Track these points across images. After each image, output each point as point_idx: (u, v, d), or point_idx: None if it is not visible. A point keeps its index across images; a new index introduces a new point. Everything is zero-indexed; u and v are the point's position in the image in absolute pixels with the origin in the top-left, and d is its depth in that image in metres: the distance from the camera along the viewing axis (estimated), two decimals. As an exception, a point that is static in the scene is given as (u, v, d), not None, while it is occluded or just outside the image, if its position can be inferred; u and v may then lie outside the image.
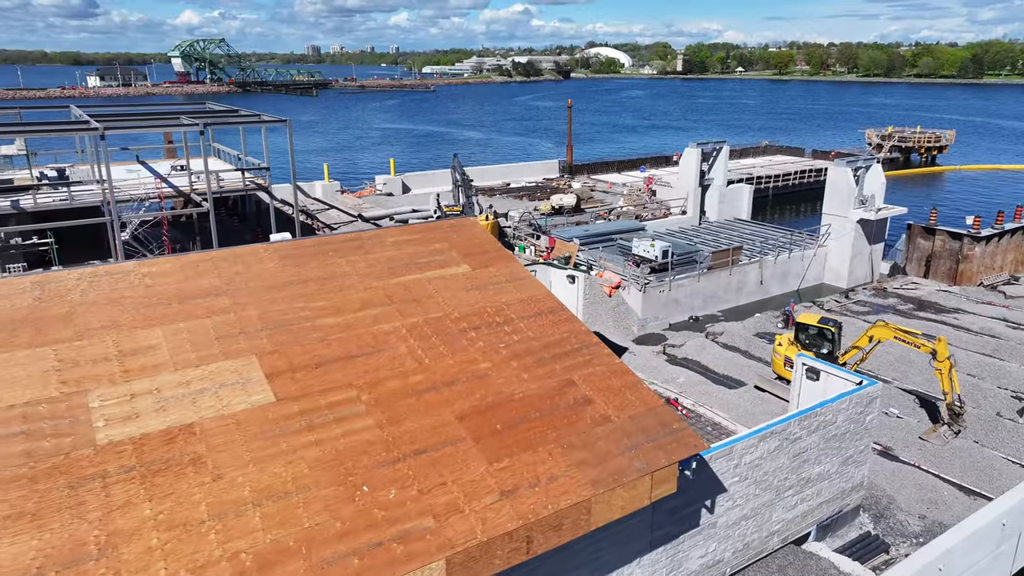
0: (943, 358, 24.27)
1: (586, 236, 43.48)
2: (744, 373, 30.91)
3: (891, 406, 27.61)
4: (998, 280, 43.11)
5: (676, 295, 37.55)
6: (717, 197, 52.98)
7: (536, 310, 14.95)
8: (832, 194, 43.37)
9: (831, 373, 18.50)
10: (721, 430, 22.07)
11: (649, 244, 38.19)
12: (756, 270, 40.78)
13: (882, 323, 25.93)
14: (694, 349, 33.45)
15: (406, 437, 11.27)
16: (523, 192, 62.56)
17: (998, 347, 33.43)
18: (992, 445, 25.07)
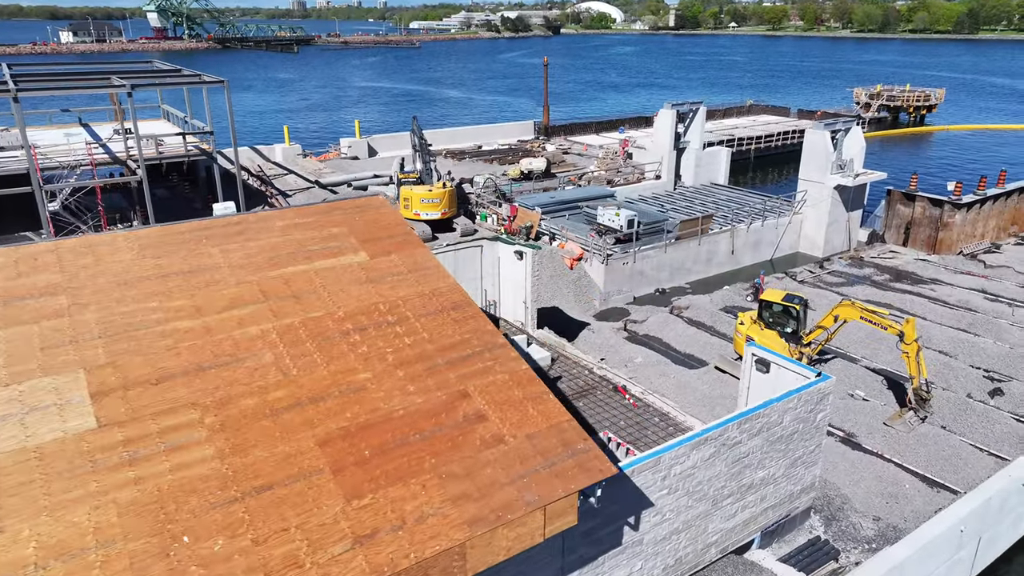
0: (911, 340, 22.70)
1: (552, 203, 41.42)
2: (707, 351, 29.35)
3: (857, 387, 26.17)
4: (979, 248, 41.52)
5: (641, 267, 35.76)
6: (693, 161, 50.83)
7: (438, 306, 13.11)
8: (809, 158, 41.35)
9: (782, 366, 16.87)
10: (669, 421, 20.52)
11: (614, 213, 36.23)
12: (727, 239, 38.97)
13: (847, 302, 24.28)
14: (656, 325, 31.81)
15: (250, 470, 9.54)
16: (494, 155, 60.10)
17: (974, 322, 31.96)
18: (960, 431, 23.71)
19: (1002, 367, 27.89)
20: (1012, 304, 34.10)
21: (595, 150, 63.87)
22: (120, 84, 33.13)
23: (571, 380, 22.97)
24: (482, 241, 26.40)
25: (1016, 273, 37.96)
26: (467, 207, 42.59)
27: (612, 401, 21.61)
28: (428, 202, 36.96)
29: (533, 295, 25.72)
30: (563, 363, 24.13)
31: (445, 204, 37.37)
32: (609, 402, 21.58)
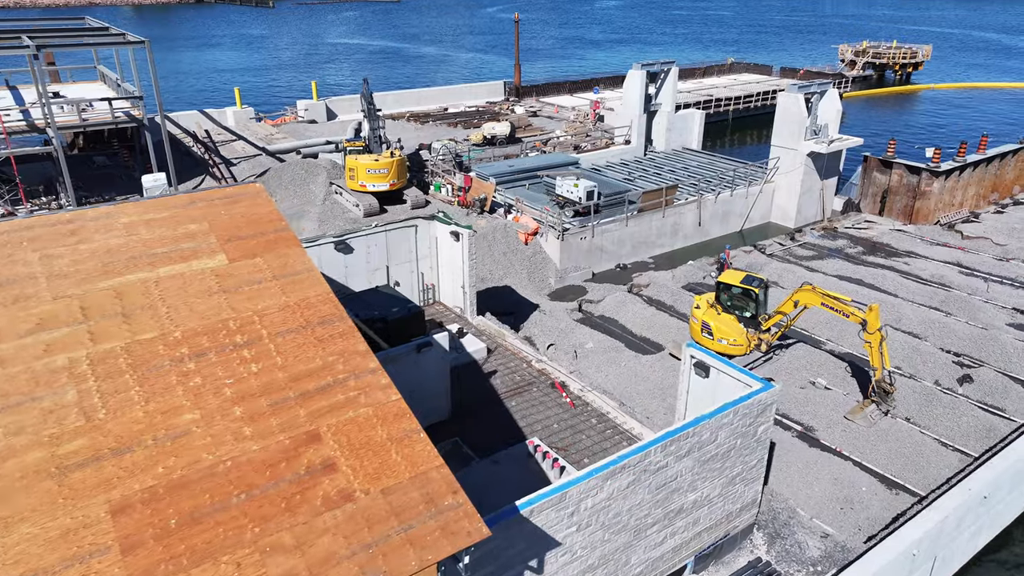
0: (874, 330, 20.98)
1: (510, 173, 39.10)
2: (665, 335, 27.58)
3: (820, 374, 24.55)
4: (956, 218, 39.75)
5: (601, 242, 33.73)
6: (665, 124, 48.43)
7: (302, 321, 11.08)
8: (782, 124, 39.11)
9: (722, 371, 15.05)
10: (607, 423, 18.77)
11: (573, 183, 34.02)
12: (694, 211, 36.92)
13: (808, 287, 22.45)
14: (613, 305, 29.94)
15: (11, 554, 7.59)
16: (459, 119, 57.30)
17: (947, 299, 30.32)
18: (925, 424, 22.19)
19: (973, 350, 26.34)
20: (987, 279, 32.49)
21: (567, 112, 61.22)
22: (26, 45, 30.18)
23: (507, 375, 21.12)
24: (417, 220, 24.22)
25: (993, 244, 36.30)
26: (422, 177, 40.19)
27: (548, 400, 19.81)
28: (375, 172, 34.55)
29: (471, 279, 23.68)
30: (501, 355, 22.25)
31: (393, 174, 34.99)
32: (545, 401, 19.78)
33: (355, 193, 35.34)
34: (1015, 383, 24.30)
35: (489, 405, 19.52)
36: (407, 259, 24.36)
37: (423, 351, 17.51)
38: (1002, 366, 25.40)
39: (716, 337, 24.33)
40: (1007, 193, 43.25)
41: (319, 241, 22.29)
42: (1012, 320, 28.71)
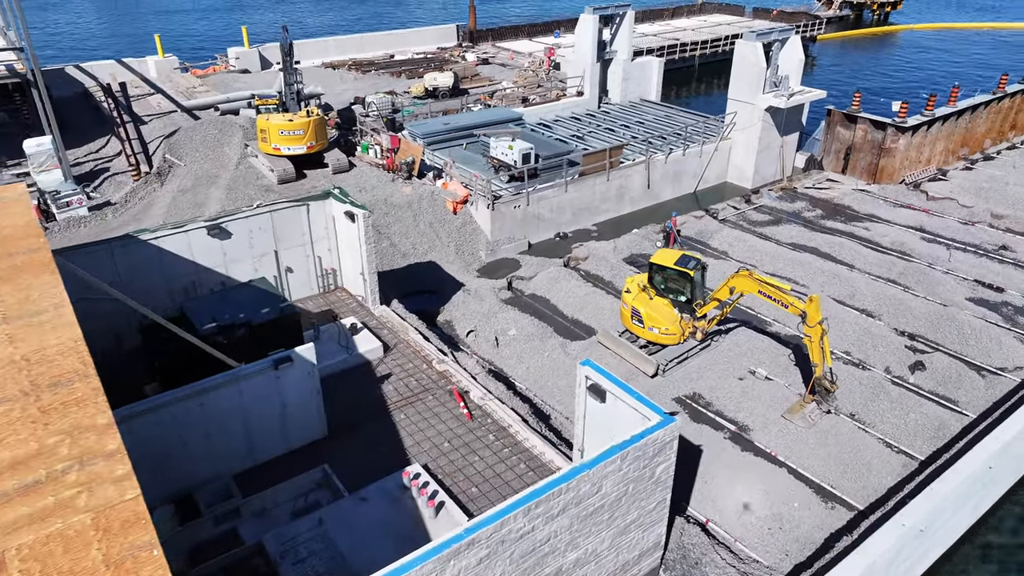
0: (814, 323, 18.69)
1: (446, 131, 35.88)
2: (598, 316, 25.19)
3: (761, 363, 22.36)
4: (923, 176, 37.33)
5: (538, 209, 30.94)
6: (621, 74, 45.03)
7: (26, 384, 8.43)
8: (739, 75, 36.02)
9: (619, 397, 12.68)
10: (506, 440, 16.48)
11: (507, 145, 30.97)
12: (642, 172, 34.11)
13: (745, 272, 20.02)
14: (546, 282, 27.41)
15: None
16: (406, 67, 53.30)
17: (905, 271, 28.13)
18: (869, 421, 20.18)
19: (929, 330, 24.28)
20: (950, 246, 30.31)
21: (522, 59, 57.33)
22: None
23: (402, 379, 18.66)
24: (311, 202, 21.26)
25: (959, 207, 34.01)
26: (349, 137, 36.81)
27: (444, 411, 17.43)
28: (289, 134, 31.21)
29: (371, 265, 20.96)
30: (400, 354, 19.75)
31: (311, 136, 31.67)
32: (440, 412, 17.40)
33: (270, 157, 32.05)
34: (969, 369, 22.32)
35: (375, 419, 17.11)
36: (300, 242, 21.54)
37: (283, 367, 14.94)
38: (958, 349, 23.39)
39: (647, 325, 21.98)
40: (977, 147, 40.81)
41: (188, 226, 19.36)
42: (972, 294, 26.64)
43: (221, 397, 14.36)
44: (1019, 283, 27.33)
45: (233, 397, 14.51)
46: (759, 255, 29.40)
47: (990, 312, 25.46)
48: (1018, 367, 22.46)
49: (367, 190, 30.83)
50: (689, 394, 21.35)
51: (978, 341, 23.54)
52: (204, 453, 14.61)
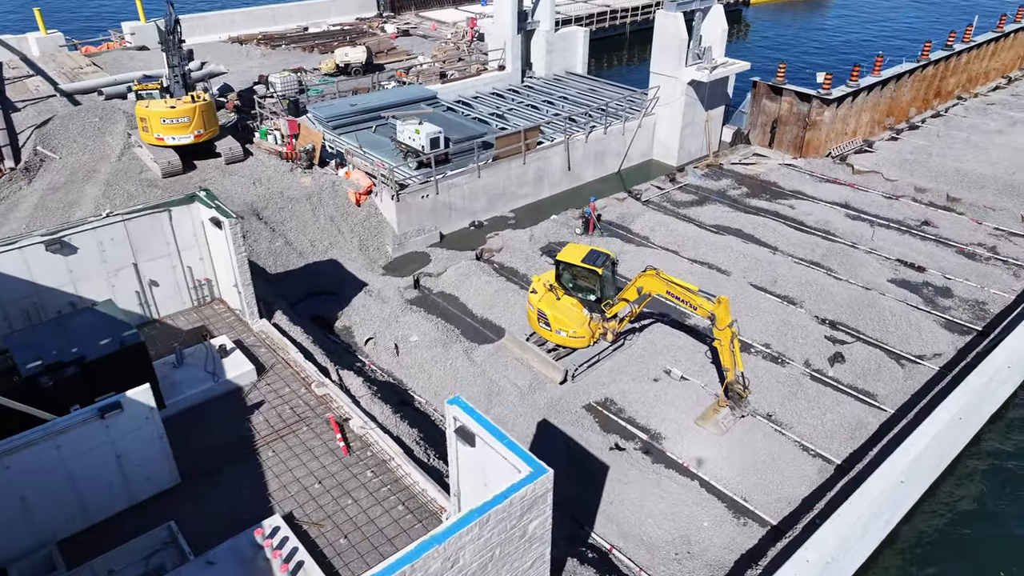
0: (723, 326, 17.42)
1: (353, 114, 33.37)
2: (509, 316, 23.57)
3: (677, 361, 21.13)
4: (849, 148, 36.58)
5: (449, 198, 28.97)
6: (544, 46, 42.83)
7: None
8: (660, 47, 34.37)
9: (489, 444, 11.08)
10: (386, 477, 14.79)
11: (414, 129, 28.77)
12: (561, 154, 32.36)
13: (651, 272, 18.60)
14: (456, 278, 25.62)
15: None
16: (320, 41, 50.02)
17: (829, 252, 27.25)
18: (786, 422, 19.19)
19: (850, 317, 23.43)
20: (873, 223, 29.60)
21: (446, 30, 54.56)
22: None
23: (276, 407, 16.74)
24: (175, 207, 18.87)
25: (884, 180, 33.36)
26: (247, 122, 33.98)
27: (319, 445, 15.62)
28: (172, 122, 28.36)
29: (243, 276, 18.79)
30: (276, 377, 17.77)
31: (198, 123, 28.85)
32: (315, 446, 15.58)
33: (154, 148, 29.16)
34: (889, 358, 21.54)
35: (239, 459, 15.20)
36: (165, 252, 19.19)
37: (111, 416, 12.86)
38: (878, 336, 22.60)
39: (554, 328, 20.45)
40: (903, 117, 40.29)
41: (19, 243, 16.84)
42: (895, 275, 25.93)
43: (34, 456, 12.27)
44: (940, 261, 26.76)
45: (49, 454, 12.43)
46: (681, 240, 28.15)
47: (911, 294, 24.77)
48: (936, 354, 21.78)
49: (262, 182, 28.34)
50: (600, 400, 20.01)
51: (898, 328, 22.79)
52: (21, 519, 12.53)
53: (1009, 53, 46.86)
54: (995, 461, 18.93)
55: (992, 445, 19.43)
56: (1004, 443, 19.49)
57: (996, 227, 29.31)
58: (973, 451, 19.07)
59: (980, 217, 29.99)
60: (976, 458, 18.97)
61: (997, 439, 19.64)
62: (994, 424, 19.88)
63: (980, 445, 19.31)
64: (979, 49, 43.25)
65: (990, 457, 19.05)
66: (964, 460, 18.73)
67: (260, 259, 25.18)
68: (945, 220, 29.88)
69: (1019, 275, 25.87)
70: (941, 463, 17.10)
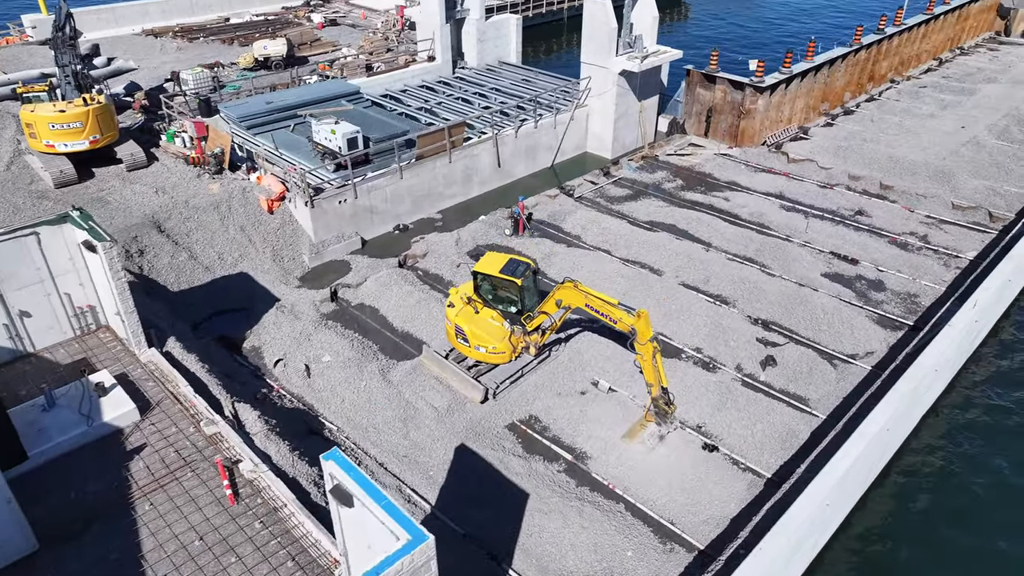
0: (645, 340, 16.44)
1: (267, 112, 31.39)
2: (431, 327, 22.25)
3: (605, 371, 20.18)
4: (784, 136, 36.11)
5: (370, 201, 27.41)
6: (475, 35, 41.26)
7: None
8: (590, 36, 33.22)
9: (366, 506, 9.82)
10: (276, 528, 13.42)
11: (330, 129, 27.08)
12: (490, 150, 31.03)
13: (570, 284, 17.51)
14: (376, 288, 24.16)
15: None
16: (242, 32, 47.49)
17: (762, 247, 26.61)
18: (716, 433, 18.40)
19: (783, 316, 22.79)
20: (807, 214, 29.10)
21: (377, 18, 52.45)
22: None
23: (160, 451, 15.17)
24: (37, 227, 16.97)
25: (819, 168, 32.93)
26: (154, 123, 31.71)
27: (203, 493, 14.14)
28: (62, 127, 26.09)
29: (125, 304, 17.05)
30: (163, 415, 16.17)
31: (92, 128, 26.64)
32: (198, 496, 14.10)
33: (45, 156, 26.85)
34: (821, 359, 20.96)
35: (110, 515, 13.64)
36: (36, 279, 17.30)
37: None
38: (811, 335, 22.02)
39: (473, 344, 19.24)
40: (838, 101, 40.02)
41: None
42: (828, 268, 25.43)
43: None
44: (873, 252, 26.37)
45: None
46: (613, 238, 27.19)
47: (844, 289, 24.28)
48: (869, 352, 21.29)
49: (166, 190, 26.35)
50: (524, 418, 18.93)
51: (831, 326, 22.24)
52: None
53: (939, 35, 47.07)
54: (922, 466, 18.49)
55: (923, 445, 19.01)
56: (932, 451, 19.06)
57: (928, 215, 29.11)
58: (901, 461, 18.61)
59: (912, 205, 29.76)
60: (904, 468, 18.52)
61: (928, 439, 19.23)
62: (920, 430, 19.45)
63: (906, 454, 18.86)
64: (910, 32, 43.23)
65: (918, 462, 18.61)
66: (894, 468, 18.25)
67: (161, 276, 23.35)
68: (878, 209, 29.56)
69: (949, 265, 25.63)
70: (868, 477, 16.53)
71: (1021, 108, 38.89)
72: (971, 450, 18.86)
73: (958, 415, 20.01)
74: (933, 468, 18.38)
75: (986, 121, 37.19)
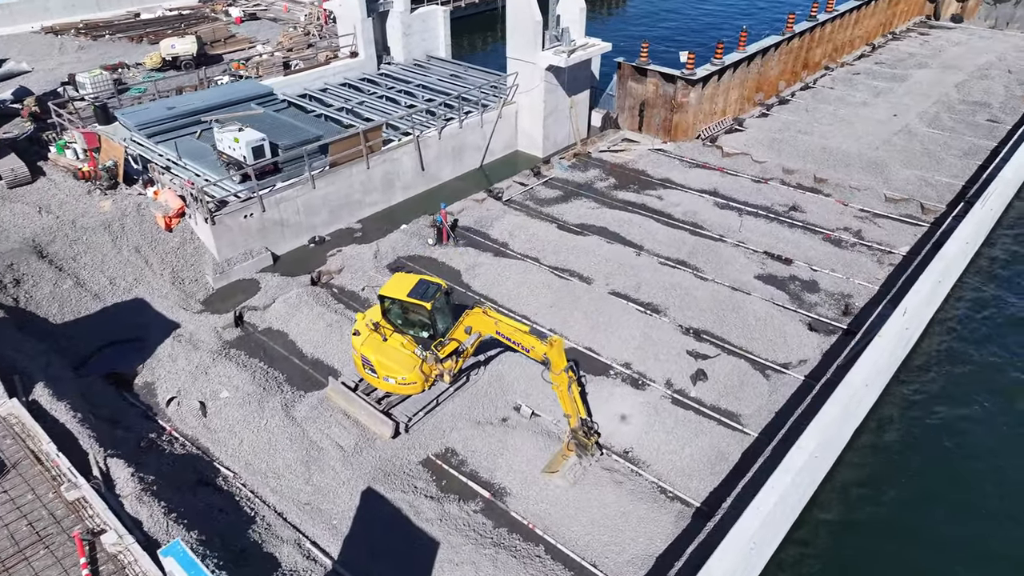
0: (559, 370, 15.19)
1: (171, 118, 29.09)
2: (345, 353, 20.57)
3: (528, 393, 18.93)
4: (719, 129, 35.29)
5: (281, 214, 25.54)
6: (400, 28, 39.37)
7: None
8: (515, 30, 31.74)
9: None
10: None
11: (233, 137, 25.06)
12: (412, 153, 29.36)
13: (479, 310, 16.14)
14: (286, 310, 22.39)
15: None
16: (155, 28, 44.58)
17: (695, 248, 25.66)
18: (644, 459, 17.34)
19: (714, 324, 21.86)
20: (742, 211, 28.28)
21: (299, 12, 49.95)
22: None
23: (11, 523, 13.32)
24: None
25: (753, 162, 32.19)
26: (43, 134, 29.13)
27: (54, 575, 12.38)
28: (-71, 144, 23.51)
29: None
30: (19, 479, 14.28)
31: (-36, 143, 24.10)
32: (51, 577, 12.34)
33: (-89, 174, 24.24)
34: (754, 369, 20.08)
35: (-58, 610, 11.80)
36: None
37: None
38: (743, 344, 21.14)
39: (381, 375, 17.73)
40: (773, 91, 39.43)
41: None
42: (761, 270, 24.60)
43: None
44: (807, 251, 25.66)
45: None
46: (542, 244, 25.92)
47: (778, 291, 23.47)
48: (802, 360, 20.49)
49: (51, 210, 24.06)
50: (440, 452, 17.57)
51: (763, 333, 21.38)
52: None
53: (872, 20, 46.94)
54: (851, 490, 17.74)
55: (854, 460, 18.28)
56: (862, 467, 18.34)
57: (861, 208, 28.58)
58: (835, 477, 17.84)
59: (846, 198, 29.21)
60: (839, 483, 17.75)
61: (858, 457, 18.50)
62: (852, 444, 18.70)
63: (841, 467, 18.11)
64: (843, 18, 42.88)
65: (851, 478, 17.86)
66: (822, 493, 17.46)
67: (40, 308, 21.21)
68: (813, 204, 28.91)
69: (883, 262, 25.07)
70: (797, 507, 15.65)
71: (951, 94, 38.89)
72: (905, 459, 18.20)
73: (888, 425, 19.35)
74: (864, 487, 17.63)
75: (917, 108, 37.03)
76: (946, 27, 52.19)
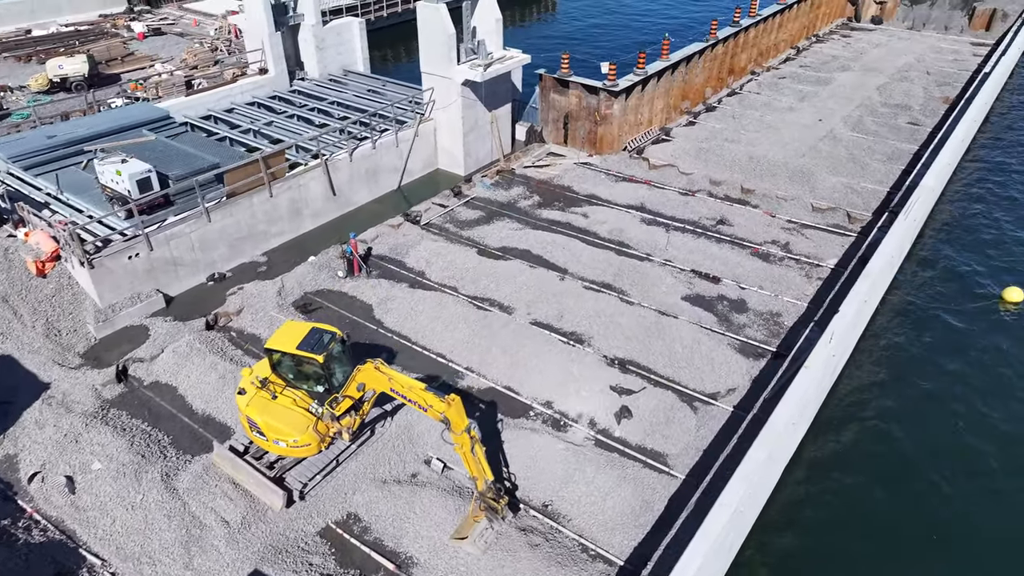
0: (459, 430, 13.70)
1: (51, 148, 26.57)
2: (235, 410, 18.67)
3: (427, 446, 17.36)
4: (646, 140, 34.43)
5: (172, 252, 23.37)
6: (313, 42, 37.36)
7: None
8: (428, 44, 30.19)
9: None
10: None
11: (116, 169, 22.80)
12: (320, 178, 27.50)
13: (370, 364, 14.56)
14: (175, 361, 20.30)
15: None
16: (47, 46, 41.41)
17: (621, 270, 24.55)
18: (564, 513, 16.00)
19: (640, 353, 20.71)
20: (669, 227, 27.33)
21: (208, 25, 47.28)
22: None
23: None
24: None
25: (679, 174, 31.36)
26: (-98, 168, 26.23)
27: None
28: None
29: None
30: None
31: None
32: None
33: None
34: (681, 401, 18.99)
35: None
36: None
37: None
38: (669, 373, 20.03)
39: (271, 438, 15.93)
40: (700, 98, 38.85)
41: None
42: (689, 291, 23.61)
43: None
44: (735, 268, 24.81)
45: None
46: (460, 272, 24.43)
47: (705, 313, 22.49)
48: (730, 389, 19.49)
49: (-96, 258, 21.41)
50: (340, 519, 15.88)
51: (690, 361, 20.32)
52: None
53: (795, 23, 47.03)
54: (787, 526, 16.79)
55: (785, 499, 17.33)
56: (796, 506, 17.44)
57: (789, 219, 27.97)
58: (766, 515, 16.84)
59: (773, 209, 28.59)
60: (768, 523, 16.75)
61: (789, 495, 17.57)
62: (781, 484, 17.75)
63: (772, 506, 17.14)
64: (766, 23, 42.73)
65: (781, 519, 16.89)
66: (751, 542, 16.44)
67: None
68: (740, 216, 28.17)
69: (811, 276, 24.40)
70: (723, 565, 14.52)
71: (873, 97, 39.00)
72: (835, 499, 17.32)
73: (818, 459, 18.47)
74: (797, 528, 16.68)
75: (842, 112, 36.94)
76: (867, 29, 52.84)
